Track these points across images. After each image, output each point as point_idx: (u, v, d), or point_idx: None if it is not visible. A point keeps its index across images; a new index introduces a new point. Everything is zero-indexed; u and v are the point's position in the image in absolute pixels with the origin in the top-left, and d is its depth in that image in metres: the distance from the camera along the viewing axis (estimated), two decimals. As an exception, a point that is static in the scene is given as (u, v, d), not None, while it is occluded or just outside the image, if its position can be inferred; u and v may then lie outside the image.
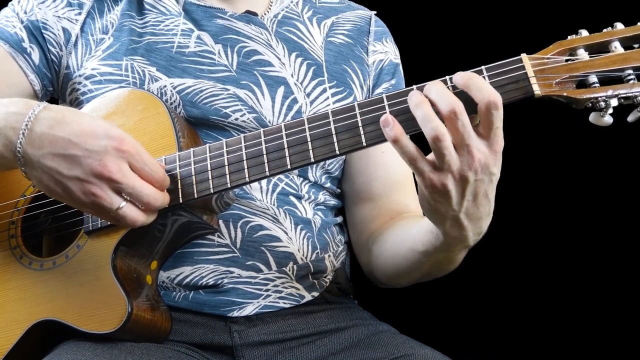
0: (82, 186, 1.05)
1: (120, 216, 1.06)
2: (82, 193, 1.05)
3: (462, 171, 1.00)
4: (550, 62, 1.01)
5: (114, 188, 1.05)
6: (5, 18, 1.37)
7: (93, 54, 1.34)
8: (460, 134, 0.98)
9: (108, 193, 1.05)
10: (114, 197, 1.05)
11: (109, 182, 1.04)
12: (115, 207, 1.05)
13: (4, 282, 1.20)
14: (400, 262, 1.27)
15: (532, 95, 1.00)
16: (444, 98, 0.98)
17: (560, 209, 2.02)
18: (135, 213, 1.07)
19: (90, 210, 1.09)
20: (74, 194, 1.06)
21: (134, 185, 1.05)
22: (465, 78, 1.00)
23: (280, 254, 1.29)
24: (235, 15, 1.40)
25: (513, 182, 1.87)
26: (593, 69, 1.00)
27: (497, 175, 1.03)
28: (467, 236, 1.09)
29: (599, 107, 0.99)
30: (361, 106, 1.06)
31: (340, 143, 1.06)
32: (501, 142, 1.01)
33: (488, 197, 1.05)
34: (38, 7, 1.37)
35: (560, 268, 2.03)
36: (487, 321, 2.04)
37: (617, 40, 1.01)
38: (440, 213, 1.06)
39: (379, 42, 1.49)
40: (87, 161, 1.04)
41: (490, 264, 1.93)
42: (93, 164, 1.04)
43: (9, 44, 1.34)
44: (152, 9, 1.38)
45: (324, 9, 1.49)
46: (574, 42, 1.02)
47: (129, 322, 1.10)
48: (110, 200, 1.05)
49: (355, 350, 1.24)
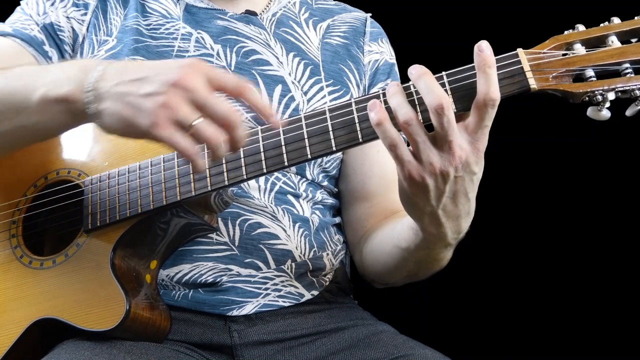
0: (156, 100, 0.97)
1: (198, 131, 0.97)
2: (157, 107, 0.96)
3: (442, 167, 1.00)
4: (546, 56, 1.01)
5: (189, 99, 0.97)
6: (21, 21, 1.37)
7: (96, 54, 1.36)
8: (445, 129, 0.98)
9: (183, 105, 0.96)
10: (190, 110, 0.97)
11: (185, 91, 0.96)
12: (191, 120, 0.96)
13: (4, 280, 1.21)
14: (386, 260, 1.28)
15: (528, 90, 1.00)
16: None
17: (559, 207, 2.01)
18: (213, 129, 0.97)
19: (166, 130, 0.97)
20: (148, 112, 0.97)
21: (207, 95, 0.97)
22: (486, 67, 0.98)
23: (278, 252, 1.29)
24: (236, 16, 1.42)
25: (512, 181, 1.88)
26: (590, 63, 1.00)
27: (478, 175, 1.03)
28: (446, 233, 1.09)
29: (596, 101, 0.99)
30: (357, 102, 1.06)
31: (336, 139, 1.06)
32: (485, 142, 1.01)
33: (468, 197, 1.05)
34: (50, 9, 1.38)
35: (560, 268, 2.03)
36: (487, 321, 2.03)
37: (614, 34, 1.00)
38: (419, 207, 1.06)
39: (375, 42, 1.50)
40: (160, 76, 0.98)
41: (490, 264, 1.93)
42: (168, 75, 0.97)
43: (32, 47, 1.35)
44: (153, 12, 1.40)
45: (320, 11, 1.51)
46: (570, 37, 1.02)
47: (127, 320, 1.10)
48: (186, 111, 0.96)
49: (355, 350, 1.23)
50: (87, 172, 1.21)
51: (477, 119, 0.99)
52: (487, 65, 0.97)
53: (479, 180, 1.04)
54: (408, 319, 1.50)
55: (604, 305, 1.98)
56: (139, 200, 1.14)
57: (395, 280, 1.34)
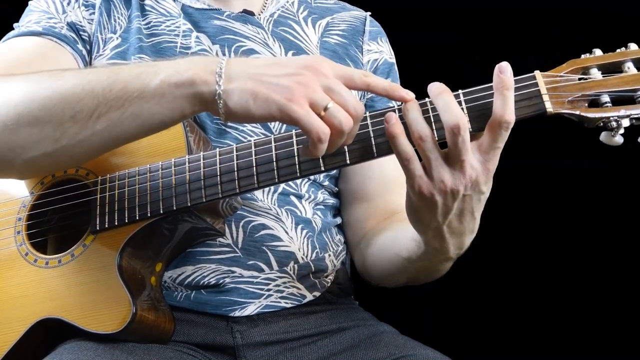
0: (293, 78, 0.97)
1: (331, 114, 0.96)
2: (295, 84, 0.96)
3: (452, 185, 1.00)
4: (563, 80, 1.01)
5: (323, 85, 0.97)
6: (45, 19, 1.33)
7: (102, 53, 1.34)
8: (459, 149, 0.98)
9: (319, 88, 0.97)
10: (325, 94, 0.97)
11: (319, 75, 0.97)
12: (326, 103, 0.96)
13: (9, 278, 1.20)
14: (386, 265, 1.29)
15: (544, 113, 1.00)
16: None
17: (561, 212, 2.03)
18: (344, 115, 0.97)
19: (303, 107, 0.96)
20: (285, 88, 0.97)
21: (339, 85, 0.98)
22: (504, 89, 0.99)
23: (281, 254, 1.30)
24: (232, 15, 1.41)
25: (514, 182, 1.89)
26: (606, 88, 1.00)
27: (486, 195, 1.04)
28: (448, 249, 1.10)
29: (611, 126, 1.00)
30: (372, 117, 1.06)
31: (350, 153, 1.06)
32: (496, 162, 1.01)
33: (474, 215, 1.06)
34: (68, 9, 1.36)
35: (560, 269, 2.04)
36: (487, 321, 2.05)
37: (631, 60, 1.01)
38: (424, 222, 1.07)
39: (374, 41, 1.50)
40: (293, 61, 0.99)
41: (490, 265, 1.94)
42: (301, 61, 0.99)
43: (69, 45, 1.32)
44: (152, 10, 1.38)
45: (319, 9, 1.50)
46: (587, 61, 1.02)
47: (133, 323, 1.10)
48: (321, 94, 0.97)
49: (356, 350, 1.24)
50: (96, 172, 1.20)
51: (490, 139, 1.00)
52: (505, 88, 0.98)
53: (485, 199, 1.05)
54: (408, 319, 1.51)
55: (603, 306, 2.00)
56: (149, 204, 1.14)
57: (395, 283, 1.35)
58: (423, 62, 1.92)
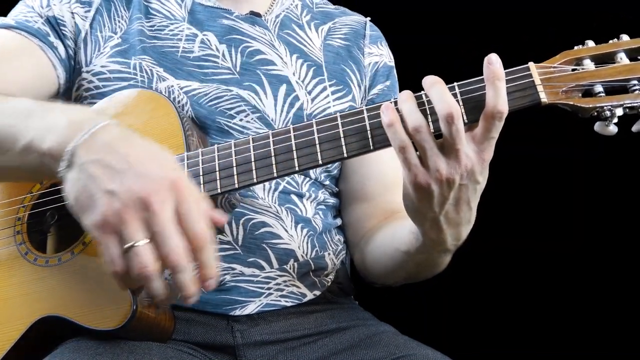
0: (112, 203, 0.91)
1: (132, 253, 0.90)
2: (109, 211, 0.91)
3: (448, 174, 1.01)
4: (557, 71, 1.02)
5: (144, 219, 0.91)
6: (23, 13, 1.36)
7: (102, 51, 1.36)
8: (453, 137, 0.99)
9: (135, 222, 0.90)
10: (138, 230, 0.91)
11: (143, 209, 0.90)
12: (132, 241, 0.90)
13: (9, 277, 1.20)
14: (386, 262, 1.30)
15: (538, 103, 1.02)
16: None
17: (560, 210, 2.03)
18: (148, 258, 0.90)
19: (105, 236, 0.92)
20: (99, 210, 0.91)
21: (165, 225, 0.90)
22: (495, 79, 1.00)
23: (281, 251, 1.30)
24: (241, 16, 1.43)
25: (514, 182, 1.89)
26: (599, 78, 1.02)
27: (481, 185, 1.05)
28: (445, 240, 1.11)
29: (604, 116, 1.01)
30: (369, 110, 1.07)
31: (348, 146, 1.07)
32: (491, 153, 1.02)
33: (470, 205, 1.07)
34: (53, 3, 1.37)
35: (560, 268, 2.05)
36: (487, 321, 2.05)
37: (623, 51, 1.02)
38: (421, 212, 1.08)
39: (374, 45, 1.53)
40: (132, 180, 0.91)
41: (490, 265, 1.95)
42: (137, 183, 0.91)
43: (37, 37, 1.33)
44: (157, 14, 1.40)
45: (321, 14, 1.53)
46: (580, 52, 1.04)
47: (133, 320, 1.10)
48: (133, 230, 0.90)
49: (356, 350, 1.25)
50: None
51: (484, 130, 1.01)
52: (495, 78, 0.99)
53: (481, 190, 1.06)
54: (408, 319, 1.52)
55: (603, 307, 2.01)
56: None
57: (395, 281, 1.36)
58: (421, 64, 1.94)
